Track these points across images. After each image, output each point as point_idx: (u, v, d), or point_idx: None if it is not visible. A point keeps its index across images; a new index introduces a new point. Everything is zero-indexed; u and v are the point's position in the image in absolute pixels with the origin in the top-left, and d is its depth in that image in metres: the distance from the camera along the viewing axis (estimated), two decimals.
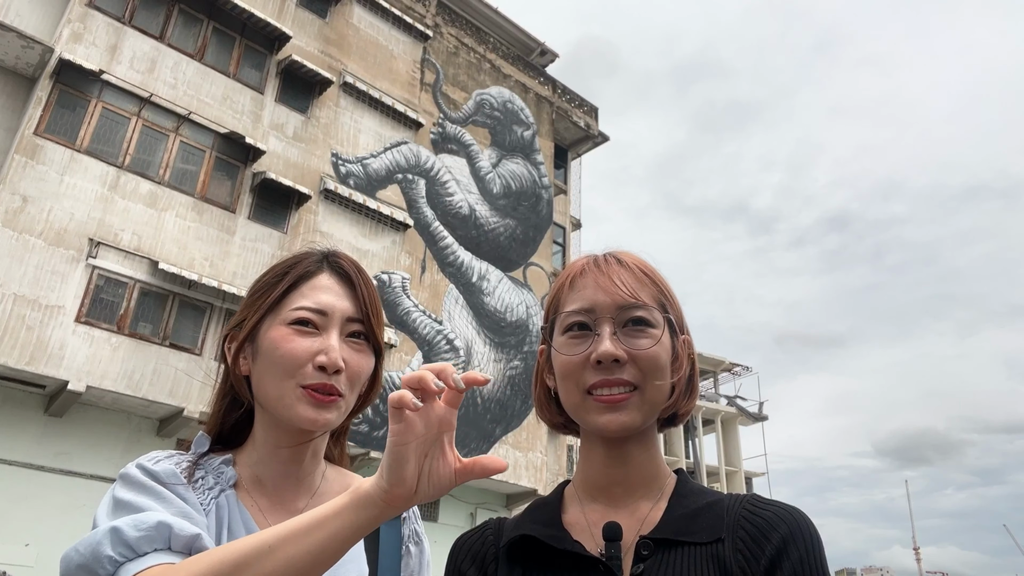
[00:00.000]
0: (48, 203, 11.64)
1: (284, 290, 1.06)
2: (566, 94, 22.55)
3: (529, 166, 20.24)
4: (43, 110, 12.05)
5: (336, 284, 1.08)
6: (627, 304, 0.96)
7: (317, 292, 1.06)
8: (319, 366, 1.00)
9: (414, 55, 18.41)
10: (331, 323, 1.03)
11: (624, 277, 0.98)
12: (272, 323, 1.04)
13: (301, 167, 15.13)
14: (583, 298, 0.98)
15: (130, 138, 12.95)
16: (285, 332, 1.02)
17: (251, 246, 13.91)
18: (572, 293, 1.01)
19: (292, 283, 1.06)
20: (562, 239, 21.64)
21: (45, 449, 11.35)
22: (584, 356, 0.95)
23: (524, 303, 18.69)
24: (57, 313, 11.29)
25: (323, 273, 1.09)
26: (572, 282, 1.02)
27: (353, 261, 1.13)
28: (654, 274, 1.03)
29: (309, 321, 1.02)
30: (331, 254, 1.13)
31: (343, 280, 1.09)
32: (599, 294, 0.97)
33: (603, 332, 0.94)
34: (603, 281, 0.98)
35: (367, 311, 1.07)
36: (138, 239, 12.46)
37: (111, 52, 13.02)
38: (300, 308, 1.03)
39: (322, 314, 1.03)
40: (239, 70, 14.82)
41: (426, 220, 17.27)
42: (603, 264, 1.01)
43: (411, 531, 1.19)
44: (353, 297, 1.07)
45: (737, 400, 33.18)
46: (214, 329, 13.03)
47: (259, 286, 1.10)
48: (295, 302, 1.04)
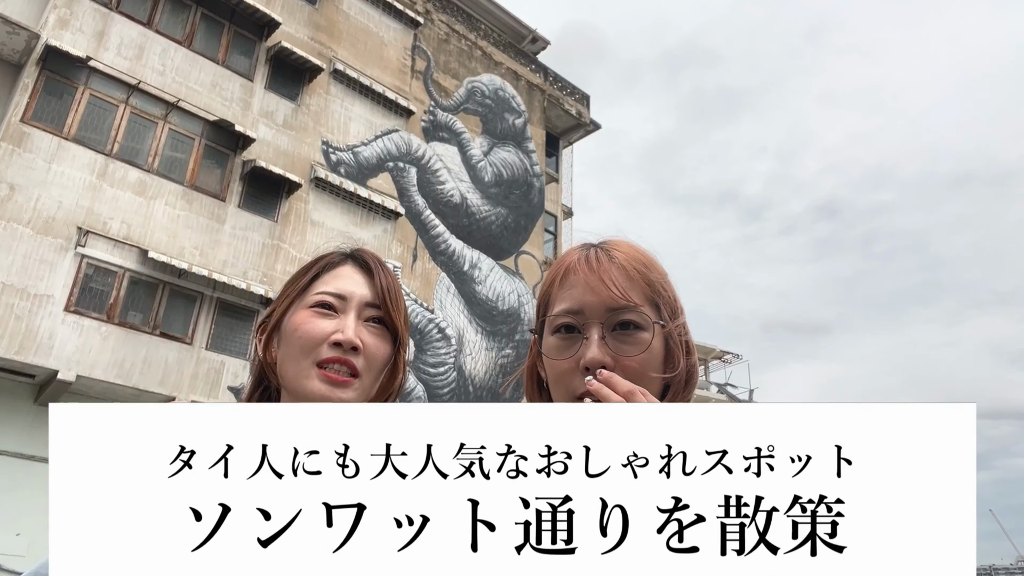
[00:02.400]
0: (36, 191, 11.53)
1: (309, 280, 1.12)
2: (557, 82, 22.47)
3: (521, 154, 20.19)
4: (30, 97, 11.91)
5: (356, 273, 1.13)
6: (616, 306, 0.94)
7: (338, 279, 1.11)
8: (335, 343, 1.04)
9: (405, 42, 18.28)
10: (349, 306, 1.08)
11: (615, 276, 0.96)
12: (296, 309, 1.10)
13: (291, 155, 15.03)
14: (572, 298, 0.97)
15: (118, 125, 12.82)
16: (305, 315, 1.07)
17: (241, 235, 13.84)
18: (562, 291, 1.00)
19: (317, 273, 1.13)
20: (553, 227, 21.64)
21: (35, 439, 11.30)
22: (573, 361, 0.94)
23: (515, 291, 18.70)
24: (46, 302, 11.22)
25: (346, 264, 1.15)
26: (563, 279, 1.00)
27: (375, 255, 1.19)
28: (648, 267, 1.00)
29: (329, 304, 1.08)
30: (356, 249, 1.19)
31: (364, 270, 1.14)
32: (588, 295, 0.96)
33: (591, 337, 0.93)
34: (593, 281, 0.96)
35: (384, 297, 1.11)
36: (127, 228, 12.37)
37: (98, 38, 12.86)
38: (321, 293, 1.09)
39: (341, 298, 1.09)
40: (228, 57, 14.68)
41: (417, 208, 17.22)
42: (594, 261, 0.99)
43: None
44: (372, 285, 1.12)
45: (728, 388, 33.42)
46: (204, 318, 12.99)
47: (288, 280, 1.17)
48: (317, 288, 1.11)
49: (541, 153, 20.92)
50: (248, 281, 13.42)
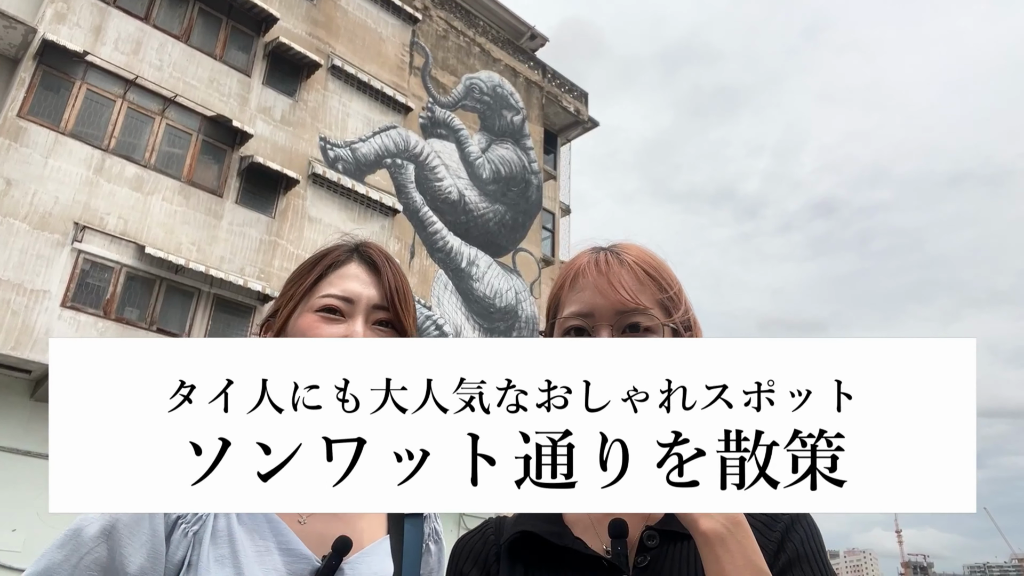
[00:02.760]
0: (32, 186, 11.50)
1: (314, 280, 1.09)
2: (556, 79, 22.45)
3: (519, 151, 20.18)
4: (26, 92, 11.88)
5: (363, 272, 1.10)
6: (626, 309, 0.94)
7: (344, 280, 1.08)
8: None
9: (403, 38, 18.26)
10: (357, 310, 1.05)
11: (624, 279, 0.96)
12: (302, 311, 1.06)
13: (289, 151, 15.01)
14: (582, 301, 0.97)
15: (115, 121, 12.79)
16: (312, 320, 1.04)
17: (239, 231, 13.81)
18: (572, 294, 1.00)
19: (322, 273, 1.09)
20: (551, 225, 21.63)
21: (31, 435, 11.27)
22: None
23: (513, 289, 18.69)
24: (42, 298, 11.19)
25: (352, 263, 1.11)
26: (572, 281, 1.01)
27: (382, 250, 1.15)
28: (658, 271, 1.00)
29: (336, 308, 1.05)
30: (361, 244, 1.15)
31: (371, 269, 1.11)
32: (598, 297, 0.96)
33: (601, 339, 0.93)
34: (602, 284, 0.96)
35: (393, 298, 1.08)
36: (124, 223, 12.34)
37: (95, 33, 12.83)
38: (327, 296, 1.06)
39: (348, 301, 1.05)
40: (226, 52, 14.65)
41: (415, 205, 17.21)
42: (603, 264, 0.99)
43: (432, 529, 1.18)
44: (379, 285, 1.09)
45: None
46: (201, 314, 12.96)
47: (292, 277, 1.13)
48: (323, 290, 1.07)
49: (539, 150, 20.90)
50: (245, 277, 13.40)
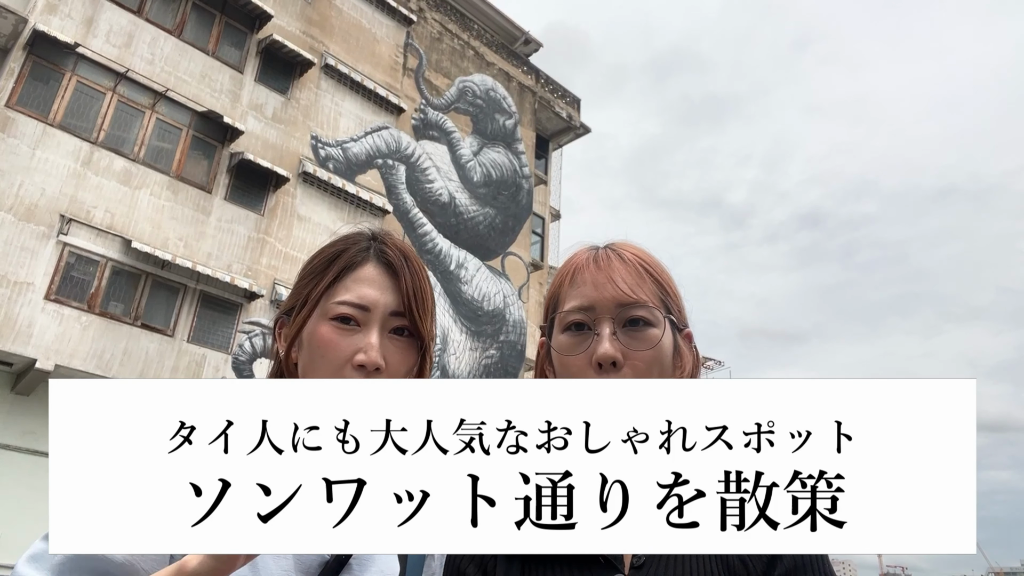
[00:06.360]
0: (19, 177, 11.38)
1: (329, 282, 1.05)
2: (549, 84, 22.50)
3: (510, 155, 20.19)
4: (16, 82, 11.75)
5: (380, 275, 1.05)
6: (627, 302, 0.96)
7: (360, 285, 1.03)
8: (358, 364, 0.99)
9: (397, 39, 18.23)
10: (372, 319, 1.01)
11: (623, 274, 0.98)
12: (317, 318, 1.03)
13: (280, 149, 14.94)
14: (582, 295, 0.98)
15: (105, 113, 12.69)
16: (326, 329, 1.01)
17: (227, 227, 13.73)
18: (572, 289, 1.01)
19: (336, 275, 1.05)
20: (541, 229, 21.65)
21: (12, 428, 11.14)
22: (584, 357, 0.95)
23: (501, 292, 18.69)
24: (26, 290, 11.06)
25: (368, 264, 1.06)
26: (572, 277, 1.02)
27: (401, 247, 1.09)
28: (655, 269, 1.02)
29: (350, 317, 1.01)
30: (378, 239, 1.10)
31: (388, 270, 1.06)
32: (598, 292, 0.97)
33: (602, 332, 0.95)
34: (602, 278, 0.98)
35: (410, 304, 1.04)
36: (111, 217, 12.23)
37: (87, 25, 12.72)
38: (342, 303, 1.02)
39: (363, 309, 1.02)
40: (218, 48, 14.56)
41: (405, 206, 17.17)
42: (603, 260, 1.00)
43: None
44: (397, 288, 1.04)
45: None
46: (187, 310, 12.87)
47: (307, 272, 1.09)
48: (338, 295, 1.03)
49: (531, 155, 20.93)
50: (232, 274, 13.31)
